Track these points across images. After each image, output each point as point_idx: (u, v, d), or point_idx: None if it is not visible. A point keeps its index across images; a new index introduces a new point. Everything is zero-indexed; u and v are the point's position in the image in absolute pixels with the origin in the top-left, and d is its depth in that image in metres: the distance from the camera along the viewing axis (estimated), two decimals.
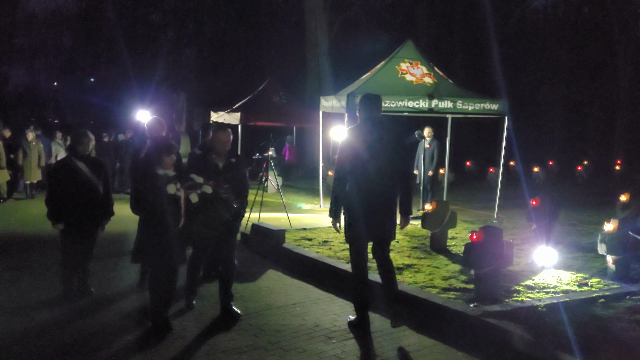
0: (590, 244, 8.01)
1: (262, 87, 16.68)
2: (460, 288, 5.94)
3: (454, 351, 4.63)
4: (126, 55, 26.47)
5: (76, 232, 5.84)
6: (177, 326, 5.10)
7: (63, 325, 5.13)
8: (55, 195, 5.81)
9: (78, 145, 5.93)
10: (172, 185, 4.92)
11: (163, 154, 5.08)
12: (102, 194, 5.97)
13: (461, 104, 10.29)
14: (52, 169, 6.10)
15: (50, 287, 6.28)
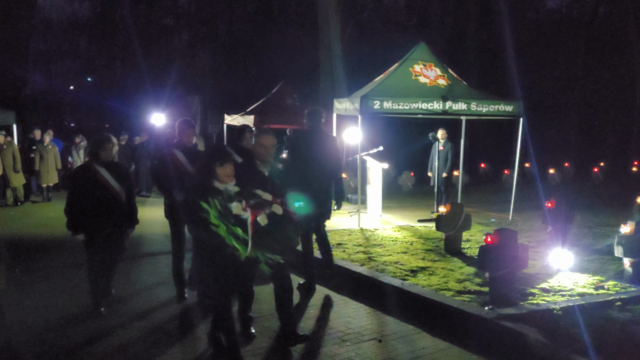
0: (607, 247, 7.93)
1: (275, 90, 16.73)
2: (474, 291, 5.91)
3: (468, 354, 4.61)
4: (141, 58, 26.69)
5: (99, 241, 5.44)
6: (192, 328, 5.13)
7: (77, 325, 5.19)
8: (74, 204, 5.38)
9: (101, 150, 5.47)
10: (237, 204, 3.95)
11: (215, 162, 4.11)
12: (125, 201, 5.58)
13: (475, 105, 10.24)
14: (72, 175, 5.70)
15: (66, 289, 6.36)
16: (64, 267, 7.46)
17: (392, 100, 9.87)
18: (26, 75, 31.40)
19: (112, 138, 5.59)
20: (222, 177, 4.11)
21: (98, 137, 5.61)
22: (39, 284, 6.59)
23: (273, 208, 4.11)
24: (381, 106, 9.84)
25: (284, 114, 15.68)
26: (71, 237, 5.49)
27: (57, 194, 14.96)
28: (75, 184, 5.45)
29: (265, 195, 4.17)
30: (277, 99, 16.24)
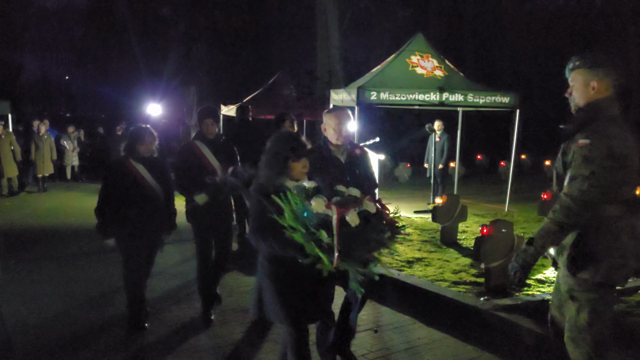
0: None
1: (272, 80, 16.69)
2: (470, 282, 5.94)
3: (463, 344, 4.64)
4: (137, 48, 26.55)
5: (133, 247, 4.78)
6: (187, 320, 5.14)
7: (73, 318, 5.19)
8: (107, 204, 4.72)
9: (139, 144, 4.76)
10: (318, 199, 2.97)
11: (291, 155, 3.27)
12: (164, 202, 4.91)
13: (472, 97, 10.23)
14: (105, 171, 5.02)
15: (62, 279, 6.37)
16: (60, 257, 7.46)
17: (389, 91, 9.85)
18: (21, 65, 31.25)
19: (152, 131, 4.86)
20: (296, 173, 3.28)
21: (136, 129, 4.87)
22: (34, 275, 6.59)
23: (364, 205, 3.06)
24: (378, 97, 9.82)
25: (280, 104, 15.63)
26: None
27: (53, 184, 14.93)
28: (108, 181, 4.80)
29: (351, 191, 3.19)
30: (274, 90, 16.20)
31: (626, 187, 2.81)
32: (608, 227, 2.81)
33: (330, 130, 3.94)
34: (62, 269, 6.86)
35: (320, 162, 3.76)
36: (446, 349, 4.58)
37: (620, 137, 2.78)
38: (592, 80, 2.91)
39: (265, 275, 3.30)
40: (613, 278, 2.84)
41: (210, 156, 5.04)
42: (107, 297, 5.76)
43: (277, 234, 3.02)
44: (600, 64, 2.92)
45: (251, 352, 4.49)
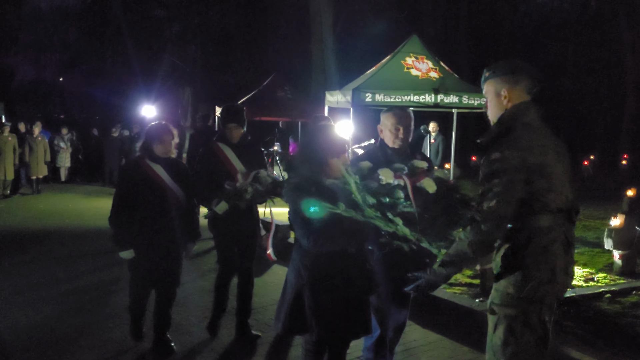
0: (597, 239, 7.99)
1: (267, 82, 16.66)
2: (465, 283, 5.93)
3: (459, 346, 4.63)
4: (131, 50, 26.50)
5: (152, 261, 4.23)
6: (183, 321, 5.12)
7: (65, 320, 5.16)
8: (122, 210, 4.20)
9: (157, 143, 4.22)
10: (386, 170, 2.88)
11: (331, 153, 3.06)
12: (185, 208, 4.38)
13: (467, 98, 10.25)
14: (120, 174, 4.56)
15: (55, 281, 6.33)
16: (54, 259, 7.42)
17: (384, 93, 9.86)
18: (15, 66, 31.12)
19: (172, 128, 4.34)
20: (335, 171, 3.05)
21: (154, 127, 4.33)
22: (27, 277, 6.55)
23: (438, 173, 2.97)
24: (373, 99, 9.82)
25: (275, 106, 15.63)
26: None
27: (46, 186, 14.86)
28: (122, 185, 4.27)
29: (417, 163, 3.06)
30: (268, 91, 16.17)
31: (552, 194, 2.58)
32: (537, 238, 2.57)
33: (387, 132, 3.55)
34: (55, 271, 6.82)
35: (375, 167, 3.26)
36: (442, 351, 4.57)
37: (534, 145, 2.58)
38: (502, 88, 2.74)
39: (306, 285, 3.03)
40: (539, 294, 2.57)
41: (235, 160, 4.53)
42: (100, 299, 5.73)
43: (329, 231, 2.88)
44: (510, 71, 2.75)
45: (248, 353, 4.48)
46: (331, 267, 3.00)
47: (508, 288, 2.61)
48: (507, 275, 2.62)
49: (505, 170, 2.53)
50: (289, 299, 3.10)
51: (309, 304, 3.01)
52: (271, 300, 5.71)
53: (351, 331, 3.13)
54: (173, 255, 4.33)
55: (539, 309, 2.60)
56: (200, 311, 5.40)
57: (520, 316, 2.59)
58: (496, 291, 2.68)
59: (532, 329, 2.61)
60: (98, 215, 10.08)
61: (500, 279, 2.65)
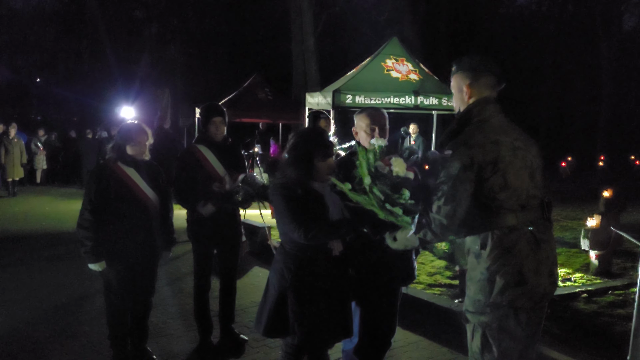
0: (574, 240, 8.08)
1: (247, 83, 16.62)
2: (445, 284, 5.97)
3: (438, 347, 4.65)
4: (110, 51, 26.21)
5: (128, 272, 3.96)
6: (161, 324, 5.06)
7: (42, 324, 5.08)
8: (91, 217, 3.86)
9: (129, 143, 3.95)
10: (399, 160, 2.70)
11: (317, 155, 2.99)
12: (160, 214, 4.13)
13: (446, 100, 10.33)
14: (89, 177, 4.13)
15: (32, 284, 6.23)
16: (30, 263, 7.31)
17: (364, 95, 9.90)
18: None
19: (145, 128, 4.04)
20: (321, 174, 2.98)
21: (126, 127, 4.07)
22: (2, 281, 6.43)
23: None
24: (353, 100, 9.86)
25: (255, 107, 15.59)
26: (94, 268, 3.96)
27: (22, 188, 14.64)
28: (92, 190, 3.90)
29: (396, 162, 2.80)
30: (249, 93, 16.13)
31: (507, 192, 2.46)
32: (498, 240, 2.46)
33: (362, 133, 3.43)
34: (31, 275, 6.72)
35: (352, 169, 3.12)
36: (422, 352, 4.58)
37: (485, 142, 2.47)
38: (463, 84, 2.66)
39: (289, 288, 2.98)
40: (508, 298, 2.46)
41: (216, 162, 4.32)
42: (76, 303, 5.65)
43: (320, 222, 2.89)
44: (471, 67, 2.66)
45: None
46: (315, 270, 2.97)
47: (477, 294, 2.52)
48: (474, 280, 2.53)
49: (455, 168, 2.44)
50: (271, 301, 3.05)
51: (292, 307, 2.98)
52: (251, 302, 5.68)
53: (332, 334, 3.09)
54: (148, 265, 4.07)
55: (512, 313, 2.49)
56: (178, 314, 5.35)
57: (494, 322, 2.50)
58: (468, 298, 2.60)
59: (511, 333, 2.51)
60: (75, 218, 9.90)
61: (468, 284, 2.58)
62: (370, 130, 3.38)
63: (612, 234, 6.49)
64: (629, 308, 5.13)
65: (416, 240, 2.60)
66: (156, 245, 4.08)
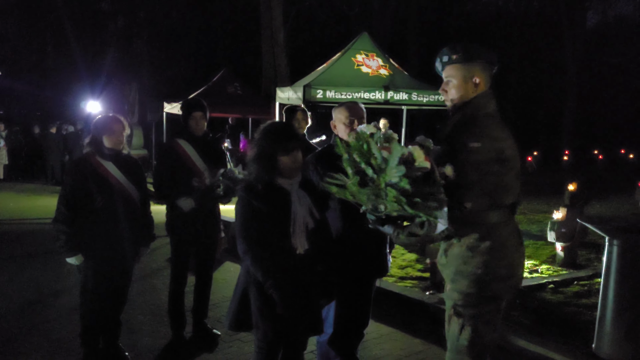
0: (540, 232, 8.27)
1: (216, 78, 16.49)
2: (416, 277, 6.04)
3: (411, 338, 4.71)
4: (74, 44, 25.64)
5: (105, 267, 3.91)
6: (132, 319, 5.01)
7: (9, 322, 4.97)
8: (69, 211, 3.81)
9: (107, 135, 3.86)
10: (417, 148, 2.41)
11: (279, 149, 2.92)
12: (140, 208, 4.06)
13: (416, 95, 10.42)
14: (67, 172, 4.06)
15: (3, 281, 6.10)
16: None
17: (335, 90, 9.92)
18: None
19: (121, 119, 3.94)
20: (286, 168, 2.93)
21: (101, 119, 3.96)
22: None
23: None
24: (324, 95, 9.87)
25: (225, 102, 15.49)
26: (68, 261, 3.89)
27: None
28: (69, 184, 3.84)
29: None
30: (218, 87, 16.02)
31: (511, 189, 2.53)
32: (496, 234, 2.50)
33: (341, 126, 3.44)
34: (4, 270, 6.56)
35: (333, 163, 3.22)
36: (394, 343, 4.63)
37: (505, 138, 2.52)
38: (475, 74, 2.58)
39: (252, 283, 2.97)
40: (500, 291, 2.54)
41: (196, 157, 4.30)
42: (45, 300, 5.54)
43: (264, 244, 2.84)
44: (478, 57, 2.60)
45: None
46: (280, 266, 2.95)
47: (470, 288, 2.53)
48: (466, 274, 2.53)
49: (484, 161, 2.41)
50: (237, 295, 3.08)
51: (254, 302, 2.98)
52: (222, 297, 5.65)
53: (298, 330, 3.05)
54: (125, 260, 3.99)
55: (499, 305, 2.58)
56: (151, 310, 5.30)
57: (485, 315, 2.55)
58: (458, 292, 2.58)
59: (494, 326, 2.59)
60: (41, 214, 9.74)
61: (457, 278, 2.56)
62: (349, 123, 3.40)
63: (577, 226, 6.65)
64: (593, 298, 5.27)
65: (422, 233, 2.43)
66: (134, 240, 4.02)
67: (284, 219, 2.92)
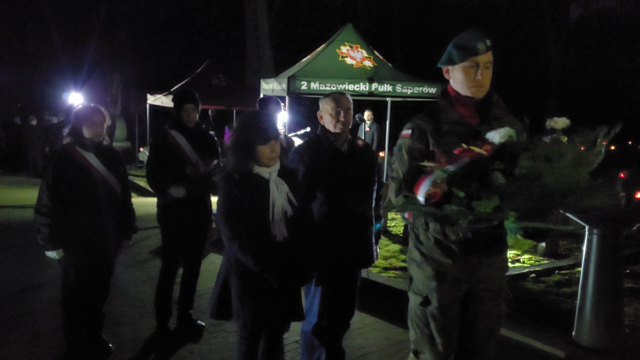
0: None
1: (200, 70, 16.38)
2: (400, 267, 6.08)
3: (394, 327, 4.75)
4: (56, 34, 25.30)
5: (87, 259, 3.86)
6: (116, 312, 4.99)
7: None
8: (49, 203, 3.76)
9: (86, 126, 3.82)
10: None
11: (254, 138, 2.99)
12: (121, 200, 4.05)
13: (400, 87, 10.44)
14: (47, 163, 4.02)
15: None
16: None
17: (319, 81, 9.90)
18: None
19: (102, 110, 3.90)
20: (265, 158, 2.98)
21: (81, 109, 3.91)
22: None
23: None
24: (308, 87, 9.85)
25: (209, 94, 15.37)
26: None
27: None
28: (50, 175, 3.77)
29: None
30: (202, 79, 15.90)
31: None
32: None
33: (327, 117, 3.45)
34: None
35: (317, 153, 3.43)
36: (378, 332, 4.67)
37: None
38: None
39: (233, 273, 3.04)
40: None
41: (189, 148, 4.33)
42: (27, 293, 5.49)
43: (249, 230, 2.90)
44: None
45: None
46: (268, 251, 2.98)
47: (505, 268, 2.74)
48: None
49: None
50: (218, 285, 3.14)
51: (234, 291, 3.02)
52: (207, 288, 5.63)
53: (278, 319, 3.10)
54: (108, 252, 3.96)
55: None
56: (134, 302, 5.29)
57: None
58: (501, 272, 2.70)
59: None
60: (22, 206, 9.62)
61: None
62: (335, 114, 3.42)
63: (558, 216, 6.72)
64: (574, 287, 5.35)
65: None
66: (116, 232, 4.00)
67: (263, 207, 2.95)
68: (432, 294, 2.62)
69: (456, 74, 2.59)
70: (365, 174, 3.52)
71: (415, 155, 2.50)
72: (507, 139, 2.31)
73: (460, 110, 2.56)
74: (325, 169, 3.38)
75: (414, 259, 2.71)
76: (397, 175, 2.59)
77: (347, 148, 3.48)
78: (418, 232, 2.64)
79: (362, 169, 3.49)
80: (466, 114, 2.56)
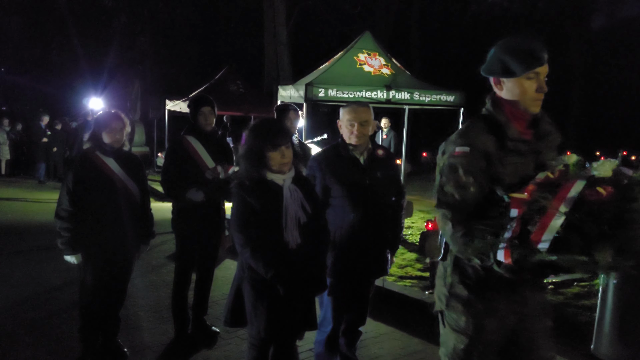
0: None
1: (219, 76, 16.48)
2: (416, 276, 6.03)
3: (410, 337, 4.71)
4: (77, 41, 25.66)
5: (105, 264, 3.89)
6: (132, 316, 5.01)
7: (9, 317, 4.98)
8: (70, 208, 3.79)
9: (107, 131, 3.85)
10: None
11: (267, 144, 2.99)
12: (140, 205, 4.06)
13: (418, 95, 10.39)
14: (68, 167, 4.13)
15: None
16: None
17: (337, 89, 9.90)
18: None
19: (122, 116, 3.93)
20: (276, 164, 2.97)
21: (102, 115, 3.98)
22: None
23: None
24: (326, 94, 9.85)
25: (227, 100, 15.47)
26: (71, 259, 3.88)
27: None
28: (70, 180, 3.80)
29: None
30: (220, 85, 16.00)
31: None
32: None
33: (344, 127, 3.45)
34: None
35: (335, 161, 3.42)
36: (393, 342, 4.63)
37: None
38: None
39: (246, 280, 3.04)
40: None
41: (205, 154, 4.34)
42: (46, 296, 5.55)
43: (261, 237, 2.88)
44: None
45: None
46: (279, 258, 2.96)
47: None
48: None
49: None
50: (232, 292, 3.15)
51: (248, 299, 3.03)
52: (222, 294, 5.65)
53: (291, 327, 3.07)
54: (126, 257, 3.98)
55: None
56: (149, 306, 5.31)
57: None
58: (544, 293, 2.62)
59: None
60: (42, 210, 9.75)
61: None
62: (350, 126, 3.41)
63: None
64: (593, 299, 5.26)
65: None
66: (135, 237, 4.00)
67: (276, 213, 2.95)
68: (481, 333, 2.37)
69: (515, 86, 2.33)
70: (383, 185, 3.47)
71: (480, 179, 2.20)
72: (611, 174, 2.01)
73: (516, 125, 2.35)
74: (341, 178, 3.38)
75: (458, 295, 2.39)
76: (453, 200, 2.26)
77: (366, 157, 3.45)
78: (464, 265, 2.38)
79: (380, 179, 3.45)
80: (522, 130, 2.37)
